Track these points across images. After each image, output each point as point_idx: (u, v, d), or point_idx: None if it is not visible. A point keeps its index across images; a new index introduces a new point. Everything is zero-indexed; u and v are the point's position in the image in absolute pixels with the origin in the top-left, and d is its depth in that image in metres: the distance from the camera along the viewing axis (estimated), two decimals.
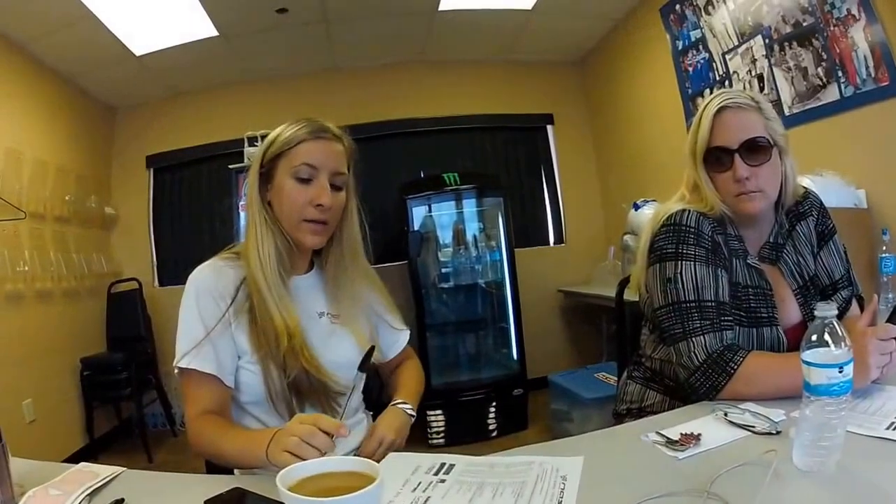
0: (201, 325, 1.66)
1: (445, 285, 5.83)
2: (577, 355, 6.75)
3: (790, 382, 1.46)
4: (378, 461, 1.60)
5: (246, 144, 5.32)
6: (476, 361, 5.97)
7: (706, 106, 1.85)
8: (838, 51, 3.72)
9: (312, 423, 1.34)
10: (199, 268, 1.75)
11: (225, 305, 1.70)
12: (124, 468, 1.46)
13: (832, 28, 3.73)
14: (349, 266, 1.89)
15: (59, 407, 5.25)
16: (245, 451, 1.48)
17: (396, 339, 2.08)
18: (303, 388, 1.70)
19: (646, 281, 1.94)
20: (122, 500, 1.27)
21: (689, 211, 1.85)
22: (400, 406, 1.82)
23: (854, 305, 2.00)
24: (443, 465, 1.38)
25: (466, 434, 5.24)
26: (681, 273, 1.79)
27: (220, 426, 1.61)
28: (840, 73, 3.74)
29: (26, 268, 4.85)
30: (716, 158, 1.83)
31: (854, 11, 3.59)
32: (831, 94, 3.83)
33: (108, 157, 6.56)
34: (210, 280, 1.72)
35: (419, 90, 6.87)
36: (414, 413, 1.83)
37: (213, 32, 5.39)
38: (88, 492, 1.31)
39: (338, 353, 1.80)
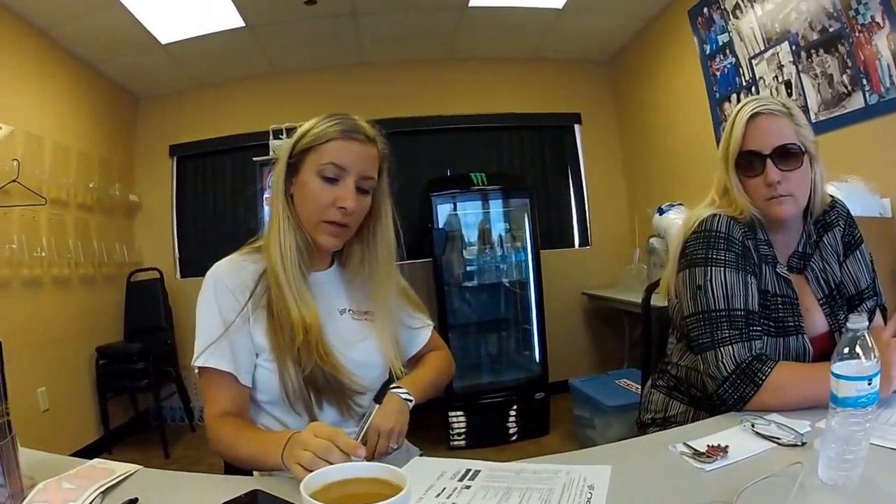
0: (220, 320, 1.65)
1: (469, 284, 5.79)
2: (598, 360, 6.73)
3: (816, 393, 1.48)
4: (379, 451, 1.61)
5: (271, 137, 5.33)
6: (498, 363, 5.95)
7: (739, 111, 1.86)
8: (863, 58, 3.70)
9: (329, 438, 1.30)
10: (217, 263, 1.74)
11: (244, 299, 1.69)
12: (140, 466, 1.44)
13: (857, 35, 3.71)
14: (383, 268, 1.87)
15: (74, 397, 5.24)
16: (260, 454, 1.47)
17: (416, 336, 2.08)
18: (318, 385, 1.69)
19: (675, 286, 1.93)
20: (136, 499, 1.25)
21: (720, 216, 1.85)
22: (394, 391, 1.76)
23: (878, 316, 1.99)
24: (468, 471, 1.37)
25: (487, 437, 5.23)
26: (710, 280, 1.78)
27: (237, 428, 1.59)
28: (864, 81, 3.72)
29: (43, 253, 4.84)
30: (748, 163, 1.83)
31: (878, 19, 3.57)
32: (856, 102, 3.81)
33: (131, 145, 6.58)
34: (229, 275, 1.71)
35: (447, 87, 6.84)
36: (411, 397, 1.77)
37: (240, 23, 5.40)
38: (102, 489, 1.29)
39: (358, 351, 1.80)
